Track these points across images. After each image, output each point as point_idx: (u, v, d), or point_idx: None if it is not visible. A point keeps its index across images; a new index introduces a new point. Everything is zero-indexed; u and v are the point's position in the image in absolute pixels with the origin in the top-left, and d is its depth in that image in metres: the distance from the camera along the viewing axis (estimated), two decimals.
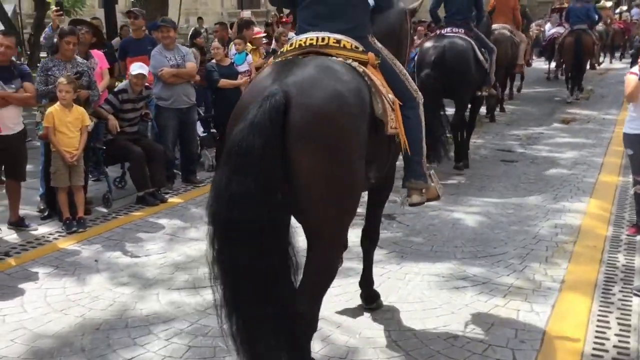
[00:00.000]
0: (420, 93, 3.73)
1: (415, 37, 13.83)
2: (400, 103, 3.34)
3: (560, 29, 15.54)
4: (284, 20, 15.68)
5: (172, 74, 7.00)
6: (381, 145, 3.20)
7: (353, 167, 2.88)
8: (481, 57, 7.66)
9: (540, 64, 19.80)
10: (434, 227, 5.91)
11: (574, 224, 5.88)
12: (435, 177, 3.95)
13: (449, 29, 7.73)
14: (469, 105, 8.22)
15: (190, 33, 10.91)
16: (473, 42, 7.64)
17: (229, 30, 10.72)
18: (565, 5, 16.99)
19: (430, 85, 7.09)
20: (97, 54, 6.81)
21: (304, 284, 2.96)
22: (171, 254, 5.23)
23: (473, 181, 7.48)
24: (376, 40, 3.53)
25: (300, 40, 3.22)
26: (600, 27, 15.89)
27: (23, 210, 6.27)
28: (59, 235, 5.71)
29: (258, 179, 2.61)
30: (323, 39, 3.18)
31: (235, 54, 8.54)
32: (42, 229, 5.85)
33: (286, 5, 3.89)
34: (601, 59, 18.55)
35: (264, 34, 10.20)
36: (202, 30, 15.85)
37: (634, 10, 25.97)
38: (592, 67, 14.64)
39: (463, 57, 7.42)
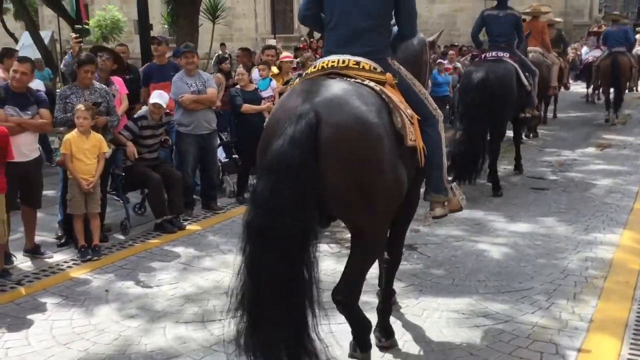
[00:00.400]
0: (439, 111, 3.86)
1: (446, 61, 13.83)
2: (419, 118, 3.52)
3: (597, 52, 15.44)
4: (313, 45, 15.74)
5: (193, 100, 6.95)
6: (404, 158, 3.32)
7: (384, 173, 3.12)
8: (524, 80, 7.86)
9: (577, 88, 19.41)
10: (456, 258, 5.67)
11: (606, 257, 5.57)
12: (457, 189, 4.07)
13: (493, 53, 7.93)
14: (512, 126, 8.53)
15: (214, 59, 10.92)
16: (517, 66, 7.82)
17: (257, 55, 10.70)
18: (603, 28, 16.73)
19: (475, 108, 7.37)
20: (117, 80, 6.81)
21: (343, 276, 3.35)
22: (183, 284, 5.11)
23: (500, 210, 7.21)
24: (396, 62, 3.70)
25: (324, 63, 3.45)
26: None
27: (41, 237, 6.27)
28: (73, 264, 5.65)
29: (296, 190, 2.85)
30: (344, 61, 3.41)
31: (260, 79, 8.49)
32: (57, 257, 5.81)
33: (316, 27, 4.01)
34: None
35: (292, 59, 10.10)
36: (226, 56, 15.91)
37: None
38: (630, 90, 14.47)
39: (505, 81, 7.57)
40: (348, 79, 3.31)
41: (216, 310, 4.58)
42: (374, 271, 4.07)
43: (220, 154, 8.33)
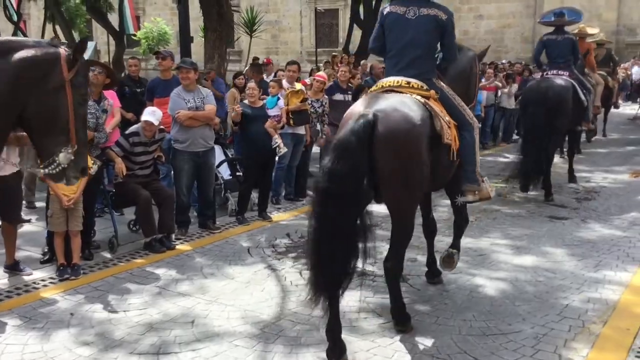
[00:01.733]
0: (475, 119, 4.98)
1: (483, 80, 13.44)
2: (456, 124, 4.67)
3: None
4: (344, 60, 15.56)
5: (188, 116, 6.78)
6: (442, 152, 4.45)
7: (418, 166, 4.21)
8: (582, 97, 8.83)
9: (625, 110, 18.70)
10: (447, 293, 5.29)
11: (610, 299, 5.09)
12: (488, 182, 5.13)
13: (554, 71, 8.97)
14: (568, 138, 9.74)
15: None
16: (575, 83, 8.80)
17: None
18: None
19: (537, 122, 8.40)
20: (110, 94, 6.71)
21: (390, 248, 4.47)
22: (151, 311, 4.89)
23: (510, 240, 6.77)
24: (439, 81, 4.86)
25: (383, 83, 4.70)
26: None
27: (29, 252, 6.20)
28: (50, 282, 5.52)
29: (350, 165, 3.93)
30: (398, 81, 4.61)
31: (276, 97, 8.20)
32: (37, 274, 5.69)
33: (380, 55, 5.04)
34: None
35: (325, 80, 9.59)
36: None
37: None
38: None
39: (562, 96, 8.47)
40: (401, 93, 4.47)
41: (176, 341, 4.35)
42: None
43: (225, 172, 8.17)
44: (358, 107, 4.35)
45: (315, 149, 9.24)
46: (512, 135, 14.26)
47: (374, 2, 19.99)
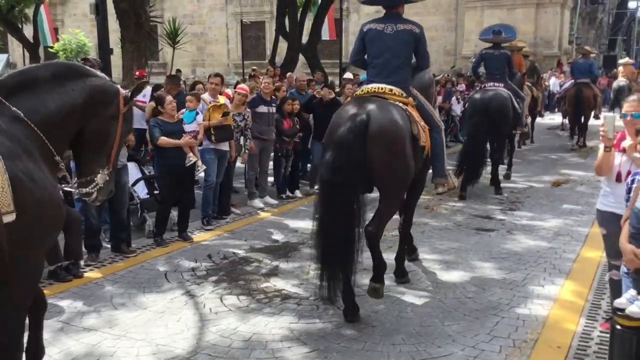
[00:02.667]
0: (441, 122, 6.00)
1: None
2: (429, 128, 5.42)
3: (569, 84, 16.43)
4: (271, 73, 15.35)
5: None
6: (417, 153, 5.18)
7: (405, 159, 4.98)
8: (517, 105, 10.02)
9: (544, 119, 19.31)
10: (376, 315, 5.05)
11: (540, 314, 4.99)
12: (453, 176, 6.39)
13: (491, 83, 9.92)
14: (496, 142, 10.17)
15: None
16: (510, 93, 9.85)
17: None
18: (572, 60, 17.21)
19: (480, 128, 9.49)
20: None
21: (374, 218, 5.07)
22: (51, 350, 4.38)
23: (438, 254, 6.63)
24: (414, 90, 5.62)
25: (368, 88, 5.36)
26: (622, 82, 16.28)
27: None
28: None
29: (348, 159, 4.70)
30: (381, 88, 5.27)
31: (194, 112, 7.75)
32: None
33: (362, 67, 5.79)
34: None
35: (247, 92, 9.22)
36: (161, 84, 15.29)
37: None
38: (596, 117, 14.87)
39: (504, 105, 9.62)
40: (386, 99, 5.17)
41: None
42: None
43: (142, 190, 7.69)
44: (350, 108, 5.06)
45: (240, 165, 8.88)
46: None
47: (299, 15, 19.88)
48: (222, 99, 8.38)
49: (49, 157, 3.42)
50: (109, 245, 6.80)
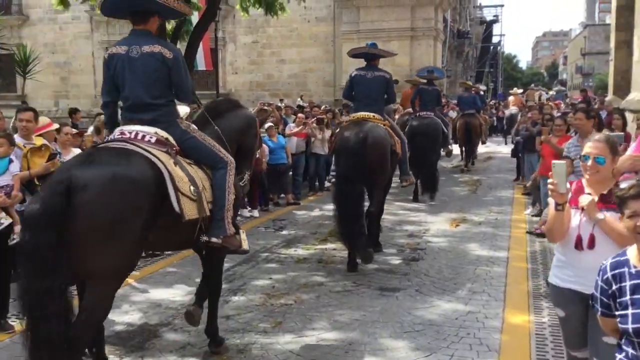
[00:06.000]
0: (402, 133, 8.37)
1: (292, 125, 12.37)
2: (400, 141, 7.77)
3: (454, 114, 19.06)
4: None
5: None
6: (393, 157, 7.60)
7: (389, 161, 7.40)
8: (444, 129, 12.87)
9: None
10: None
11: None
12: (412, 174, 8.67)
13: (424, 112, 12.23)
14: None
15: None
16: (439, 120, 12.57)
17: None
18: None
19: (421, 149, 11.13)
20: None
21: (372, 202, 7.54)
22: None
23: (339, 331, 5.32)
24: (387, 115, 8.09)
25: (358, 115, 7.52)
26: (514, 110, 19.29)
27: None
28: None
29: (354, 161, 6.97)
30: (368, 115, 7.44)
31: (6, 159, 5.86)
32: None
33: (350, 100, 8.27)
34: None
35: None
36: None
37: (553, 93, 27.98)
38: (483, 143, 18.38)
39: (438, 129, 12.20)
40: (373, 122, 7.36)
41: None
42: None
43: None
44: (353, 128, 7.27)
45: None
46: (325, 182, 13.10)
47: (177, 44, 18.17)
48: (38, 141, 6.47)
49: None
50: None
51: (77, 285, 4.00)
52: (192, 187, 4.06)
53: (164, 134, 4.17)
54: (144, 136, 4.06)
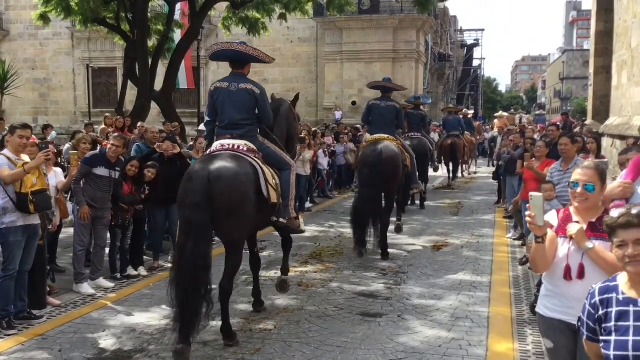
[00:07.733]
0: (413, 152, 10.22)
1: None
2: (409, 156, 9.69)
3: (437, 137, 20.63)
4: (124, 124, 13.69)
5: None
6: (404, 169, 9.45)
7: (401, 171, 9.25)
8: (431, 148, 14.41)
9: None
10: None
11: None
12: (421, 184, 12.00)
13: (412, 134, 13.61)
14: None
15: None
16: (426, 140, 14.26)
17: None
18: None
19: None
20: None
21: (386, 204, 9.33)
22: None
23: (318, 357, 5.18)
24: (399, 135, 9.95)
25: (375, 137, 9.28)
26: (496, 133, 20.27)
27: None
28: None
29: (373, 171, 8.84)
30: (383, 136, 9.21)
31: None
32: None
33: (367, 124, 10.44)
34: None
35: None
36: None
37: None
38: (465, 163, 20.55)
39: (426, 147, 13.78)
40: (388, 141, 9.10)
41: None
42: None
43: None
44: (371, 146, 9.10)
45: (67, 234, 6.95)
46: (304, 204, 13.09)
47: (150, 60, 18.07)
48: (24, 157, 6.27)
49: None
50: None
51: None
52: (274, 180, 5.65)
53: (251, 144, 5.70)
54: (239, 146, 5.61)
